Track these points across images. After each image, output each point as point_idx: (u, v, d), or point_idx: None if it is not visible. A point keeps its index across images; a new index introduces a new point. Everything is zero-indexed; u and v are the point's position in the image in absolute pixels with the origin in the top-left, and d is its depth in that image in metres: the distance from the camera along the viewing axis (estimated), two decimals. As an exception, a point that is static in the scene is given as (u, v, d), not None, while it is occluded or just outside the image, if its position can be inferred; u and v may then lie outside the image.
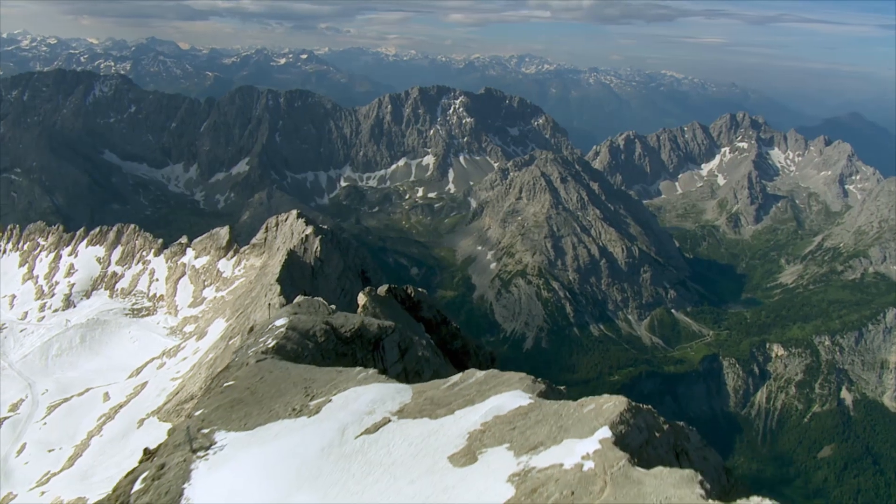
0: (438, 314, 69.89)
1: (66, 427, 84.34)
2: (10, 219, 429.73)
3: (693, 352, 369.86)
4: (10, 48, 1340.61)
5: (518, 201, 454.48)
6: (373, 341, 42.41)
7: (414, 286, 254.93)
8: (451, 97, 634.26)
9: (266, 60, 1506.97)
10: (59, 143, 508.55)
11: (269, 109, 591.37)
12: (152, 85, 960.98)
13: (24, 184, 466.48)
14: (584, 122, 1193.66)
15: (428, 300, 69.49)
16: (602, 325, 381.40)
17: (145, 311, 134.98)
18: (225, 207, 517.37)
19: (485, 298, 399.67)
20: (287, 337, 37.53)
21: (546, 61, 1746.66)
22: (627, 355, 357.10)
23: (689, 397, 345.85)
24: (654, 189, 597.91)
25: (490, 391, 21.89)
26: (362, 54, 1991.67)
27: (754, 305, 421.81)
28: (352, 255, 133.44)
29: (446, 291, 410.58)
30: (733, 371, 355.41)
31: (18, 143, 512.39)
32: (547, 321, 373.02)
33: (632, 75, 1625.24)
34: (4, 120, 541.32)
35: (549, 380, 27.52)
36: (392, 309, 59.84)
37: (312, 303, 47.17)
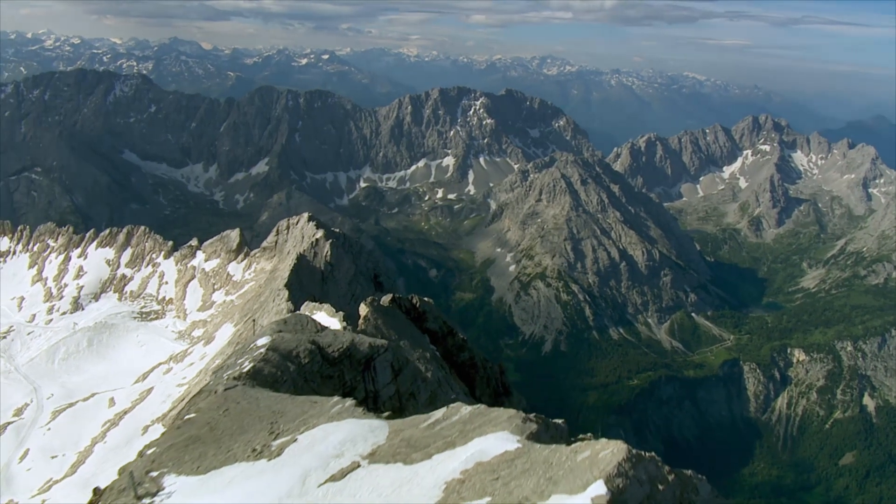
0: (444, 325, 67.06)
1: (70, 433, 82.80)
2: (29, 218, 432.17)
3: (713, 356, 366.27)
4: (35, 48, 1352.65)
5: (538, 203, 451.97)
6: (363, 361, 39.55)
7: (433, 288, 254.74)
8: (471, 98, 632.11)
9: (288, 61, 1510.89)
10: (79, 143, 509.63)
11: (288, 110, 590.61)
12: (174, 85, 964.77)
13: (45, 183, 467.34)
14: (606, 123, 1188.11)
15: (434, 311, 66.90)
16: (622, 329, 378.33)
17: (154, 315, 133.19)
18: (244, 208, 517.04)
19: (504, 301, 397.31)
20: (266, 359, 34.82)
21: (568, 62, 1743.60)
22: (647, 359, 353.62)
23: (708, 402, 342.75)
24: (675, 192, 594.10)
25: (474, 432, 19.43)
26: (384, 55, 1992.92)
27: (776, 310, 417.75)
28: (364, 259, 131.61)
29: (465, 294, 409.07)
30: (754, 376, 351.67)
31: (39, 142, 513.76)
32: (566, 324, 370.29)
33: (654, 77, 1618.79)
34: (26, 119, 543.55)
35: (551, 410, 25.27)
36: (395, 320, 57.48)
37: (300, 319, 44.08)
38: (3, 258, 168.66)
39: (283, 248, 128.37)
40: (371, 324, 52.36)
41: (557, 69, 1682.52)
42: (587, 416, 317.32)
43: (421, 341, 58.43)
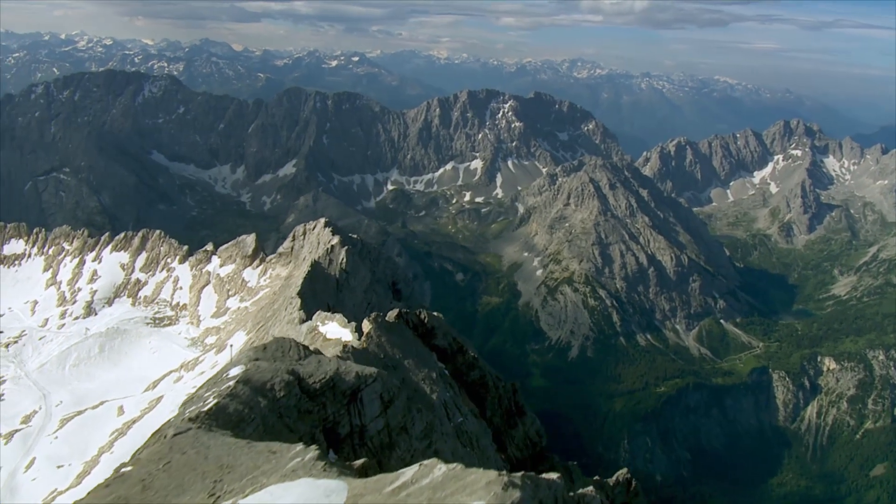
0: (454, 342, 63.74)
1: (77, 442, 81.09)
2: (57, 218, 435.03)
3: (742, 364, 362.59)
4: (68, 49, 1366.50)
5: (566, 207, 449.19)
6: (348, 393, 36.26)
7: (459, 292, 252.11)
8: (500, 101, 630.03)
9: (318, 62, 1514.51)
10: (107, 143, 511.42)
11: (316, 111, 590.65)
12: (205, 86, 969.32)
13: (72, 183, 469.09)
14: (636, 127, 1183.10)
15: (443, 327, 63.66)
16: (649, 335, 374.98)
17: (167, 321, 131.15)
18: (271, 209, 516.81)
19: (530, 306, 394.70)
20: (233, 394, 30.95)
21: (598, 66, 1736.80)
22: (674, 366, 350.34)
23: (736, 410, 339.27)
24: (704, 196, 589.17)
25: (446, 500, 16.54)
26: (414, 57, 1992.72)
27: (806, 317, 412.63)
28: (382, 266, 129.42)
29: (491, 298, 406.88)
30: (783, 384, 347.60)
31: (68, 142, 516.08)
32: (593, 330, 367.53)
33: (684, 81, 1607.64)
34: (55, 120, 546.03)
35: (550, 461, 22.56)
36: (401, 337, 54.65)
37: (281, 345, 39.72)
38: (19, 261, 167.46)
39: (300, 254, 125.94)
40: (374, 341, 49.83)
41: (587, 72, 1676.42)
42: (613, 423, 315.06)
43: (428, 360, 55.90)
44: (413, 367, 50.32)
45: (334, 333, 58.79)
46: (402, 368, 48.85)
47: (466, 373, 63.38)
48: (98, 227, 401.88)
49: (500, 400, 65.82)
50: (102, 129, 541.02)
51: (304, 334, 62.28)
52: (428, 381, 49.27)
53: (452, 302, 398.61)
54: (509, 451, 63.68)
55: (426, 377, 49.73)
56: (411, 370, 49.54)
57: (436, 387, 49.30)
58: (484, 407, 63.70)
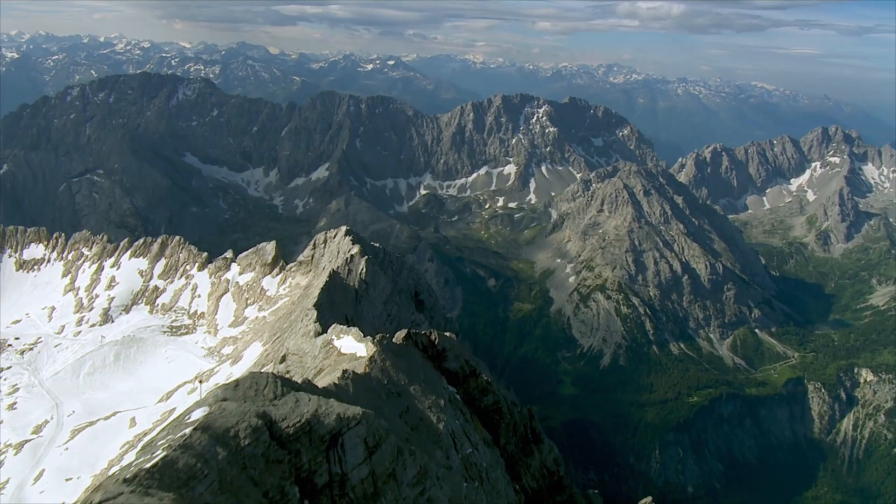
0: (467, 365, 60.57)
1: (87, 454, 79.10)
2: (90, 219, 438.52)
3: (777, 374, 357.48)
4: (106, 51, 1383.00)
5: (599, 214, 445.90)
6: (327, 438, 32.58)
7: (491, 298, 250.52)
8: (534, 106, 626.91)
9: (353, 66, 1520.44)
10: (141, 146, 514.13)
11: (350, 115, 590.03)
12: (240, 89, 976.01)
13: (106, 185, 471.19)
14: (671, 133, 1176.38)
15: (455, 348, 60.66)
16: (682, 344, 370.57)
17: (184, 330, 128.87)
18: (303, 213, 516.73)
19: (562, 313, 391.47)
20: (186, 445, 26.93)
21: (634, 71, 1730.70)
22: (708, 376, 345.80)
23: (771, 421, 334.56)
24: (740, 204, 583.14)
25: None
26: (450, 61, 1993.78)
27: (843, 327, 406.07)
28: (405, 276, 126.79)
29: (523, 304, 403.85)
30: (818, 396, 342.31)
31: (102, 144, 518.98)
32: (625, 338, 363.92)
33: (721, 86, 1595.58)
34: (90, 122, 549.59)
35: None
36: (408, 361, 51.91)
37: (257, 381, 34.87)
38: (38, 266, 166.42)
39: (320, 262, 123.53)
40: (378, 366, 47.23)
41: (624, 77, 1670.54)
42: (644, 433, 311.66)
43: (436, 385, 53.11)
44: (419, 394, 47.48)
45: (349, 348, 56.65)
46: (406, 395, 45.97)
47: (479, 398, 60.36)
48: (130, 230, 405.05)
49: (514, 426, 62.22)
50: (136, 132, 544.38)
51: (319, 348, 60.33)
52: (435, 409, 46.33)
53: (484, 308, 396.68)
54: (524, 481, 60.64)
55: (433, 405, 46.80)
56: (417, 397, 46.59)
57: (443, 415, 46.44)
58: (498, 434, 60.62)
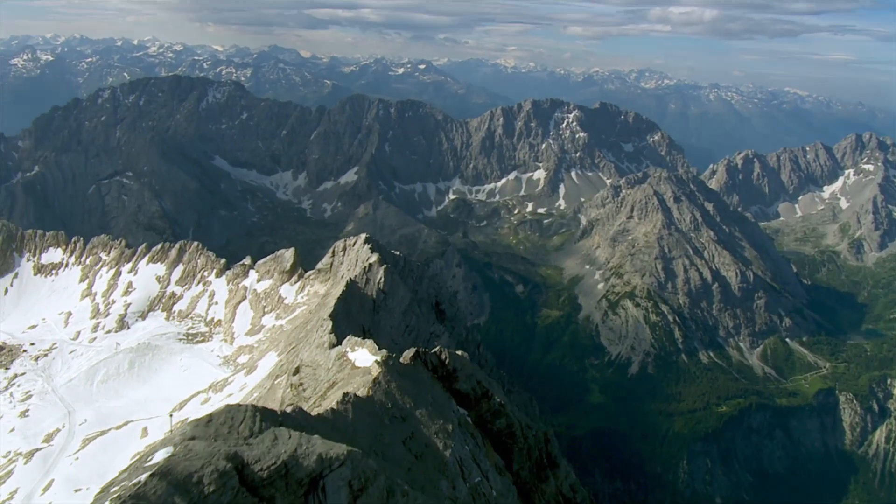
0: (479, 386, 57.54)
1: (98, 464, 77.78)
2: (119, 221, 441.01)
3: (807, 384, 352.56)
4: (139, 54, 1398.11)
5: (629, 220, 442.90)
6: (306, 481, 29.08)
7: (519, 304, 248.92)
8: (564, 111, 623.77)
9: (384, 70, 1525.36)
10: (170, 148, 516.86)
11: (379, 119, 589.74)
12: (271, 92, 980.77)
13: (135, 187, 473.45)
14: (703, 139, 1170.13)
15: (467, 368, 57.83)
16: (712, 353, 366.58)
17: (200, 337, 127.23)
18: (331, 217, 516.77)
19: (590, 320, 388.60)
20: (138, 496, 24.23)
21: (666, 76, 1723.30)
22: (737, 385, 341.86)
23: (801, 432, 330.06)
24: (772, 211, 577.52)
25: None
26: (481, 66, 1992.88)
27: (876, 337, 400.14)
28: (426, 285, 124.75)
29: (551, 311, 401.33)
30: (850, 407, 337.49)
31: (132, 146, 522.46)
32: (654, 346, 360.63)
33: (753, 92, 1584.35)
34: (121, 124, 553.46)
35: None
36: (415, 382, 49.56)
37: (232, 416, 30.75)
38: (56, 270, 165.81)
39: (338, 270, 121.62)
40: (382, 388, 45.00)
41: (655, 83, 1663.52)
42: (672, 442, 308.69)
43: (445, 408, 50.58)
44: (426, 419, 45.02)
45: (363, 361, 54.85)
46: (412, 420, 43.62)
47: (492, 421, 57.57)
48: (159, 232, 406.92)
49: (529, 451, 59.04)
50: (166, 134, 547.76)
51: (333, 360, 58.66)
52: (442, 435, 43.88)
53: (512, 314, 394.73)
54: (539, 509, 58.13)
55: (440, 430, 44.37)
56: (423, 422, 44.12)
57: (451, 441, 44.08)
58: (511, 459, 57.92)
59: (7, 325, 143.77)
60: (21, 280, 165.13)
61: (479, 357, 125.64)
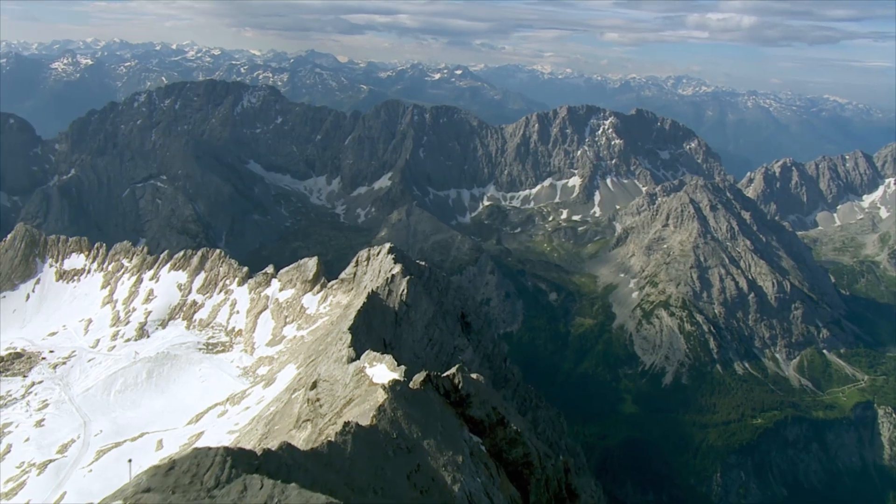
0: (494, 412, 53.95)
1: (111, 477, 76.16)
2: (153, 225, 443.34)
3: (845, 397, 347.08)
4: (177, 59, 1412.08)
5: (664, 228, 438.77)
6: None
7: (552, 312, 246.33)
8: (600, 117, 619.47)
9: (421, 75, 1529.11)
10: (204, 152, 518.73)
11: (414, 125, 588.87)
12: (308, 97, 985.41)
13: (169, 191, 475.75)
14: (740, 146, 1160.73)
15: (482, 393, 54.30)
16: (747, 364, 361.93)
17: (220, 347, 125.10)
18: (365, 222, 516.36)
19: (624, 329, 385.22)
20: None
21: (704, 83, 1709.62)
22: (773, 397, 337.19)
23: (838, 446, 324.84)
24: (810, 220, 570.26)
25: None
26: (518, 71, 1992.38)
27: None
28: (451, 296, 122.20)
29: (585, 319, 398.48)
30: (889, 420, 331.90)
31: (167, 150, 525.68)
32: (688, 356, 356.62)
33: (792, 99, 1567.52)
34: (156, 128, 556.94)
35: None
36: (425, 409, 46.48)
37: (197, 463, 24.49)
38: (78, 276, 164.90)
39: (362, 280, 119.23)
40: (387, 416, 41.59)
41: (693, 89, 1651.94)
42: (706, 455, 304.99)
43: (456, 437, 47.40)
44: (434, 450, 41.81)
45: (381, 378, 52.69)
46: (418, 451, 40.37)
47: (507, 450, 54.18)
48: (192, 236, 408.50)
49: (547, 482, 55.28)
50: (201, 138, 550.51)
51: (351, 376, 56.71)
52: (451, 467, 40.74)
53: (545, 322, 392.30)
54: (557, 544, 55.15)
55: (450, 461, 41.25)
56: (431, 453, 40.94)
57: (460, 474, 41.14)
58: (527, 490, 54.21)
59: (27, 332, 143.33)
60: (43, 286, 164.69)
61: (505, 371, 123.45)
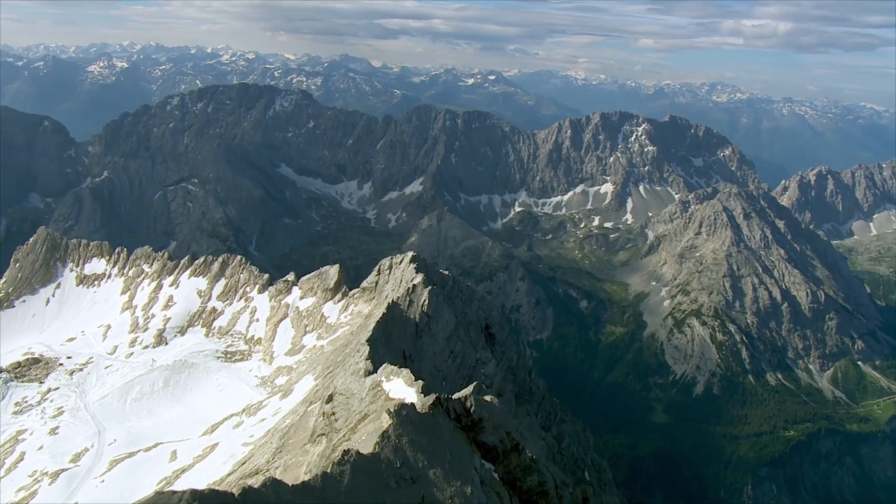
0: (508, 438, 50.34)
1: (123, 488, 74.74)
2: (183, 228, 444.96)
3: (880, 410, 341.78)
4: (212, 62, 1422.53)
5: (697, 236, 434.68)
6: None
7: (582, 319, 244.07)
8: (633, 124, 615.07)
9: (454, 80, 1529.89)
10: (236, 156, 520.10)
11: (446, 129, 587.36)
12: (341, 101, 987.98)
13: (200, 194, 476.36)
14: (775, 154, 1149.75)
15: (496, 417, 50.68)
16: (780, 374, 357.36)
17: (239, 356, 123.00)
18: (396, 227, 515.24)
19: (655, 337, 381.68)
20: None
21: (738, 90, 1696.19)
22: (806, 409, 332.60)
23: (873, 460, 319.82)
24: (845, 229, 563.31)
25: None
26: (551, 77, 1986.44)
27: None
28: (475, 307, 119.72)
29: (615, 327, 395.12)
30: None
31: (198, 153, 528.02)
32: (720, 366, 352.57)
33: (828, 106, 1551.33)
34: (188, 131, 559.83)
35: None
36: (433, 435, 42.85)
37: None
38: (98, 281, 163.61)
39: (383, 290, 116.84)
40: (391, 444, 38.73)
41: (727, 96, 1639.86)
42: (736, 467, 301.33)
43: (465, 466, 43.66)
44: (441, 480, 39.36)
45: (398, 392, 52.14)
46: (424, 482, 38.37)
47: (522, 478, 50.43)
48: (222, 239, 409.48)
49: None
50: (233, 142, 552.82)
51: (367, 390, 55.29)
52: (459, 499, 37.62)
53: (575, 330, 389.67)
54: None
55: (457, 493, 38.00)
56: (437, 484, 37.45)
57: None
58: None
59: (46, 337, 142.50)
60: (63, 290, 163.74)
61: (530, 384, 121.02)
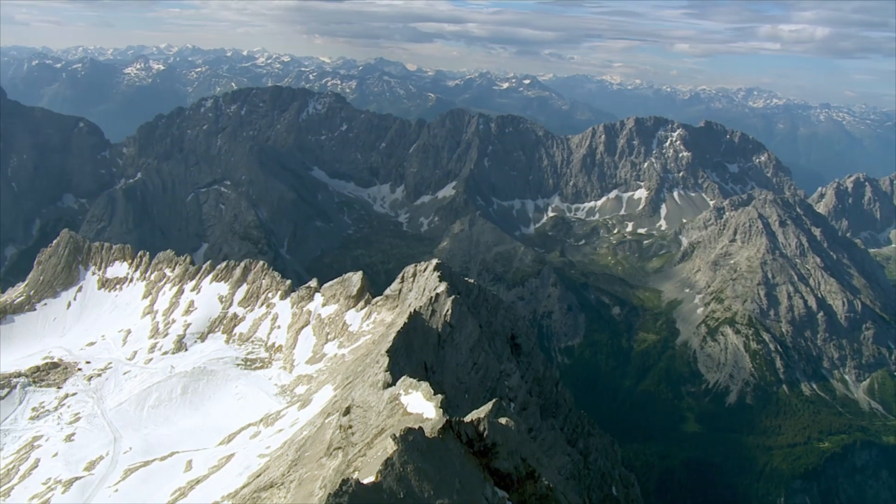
0: (524, 464, 47.35)
1: (137, 498, 73.38)
2: (215, 230, 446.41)
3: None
4: (247, 65, 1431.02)
5: (731, 244, 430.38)
6: None
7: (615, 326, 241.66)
8: (668, 129, 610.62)
9: (489, 84, 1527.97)
10: (268, 158, 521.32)
11: (479, 134, 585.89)
12: (375, 104, 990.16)
13: (232, 196, 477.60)
14: (811, 161, 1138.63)
15: (511, 442, 47.39)
16: (814, 384, 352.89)
17: (259, 363, 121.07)
18: (428, 231, 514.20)
19: (688, 345, 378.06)
20: None
21: (775, 95, 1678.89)
22: (841, 420, 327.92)
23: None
24: (883, 238, 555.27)
25: None
26: (586, 82, 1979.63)
27: None
28: (500, 317, 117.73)
29: (648, 335, 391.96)
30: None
31: (231, 155, 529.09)
32: (754, 375, 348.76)
33: (866, 113, 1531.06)
34: (222, 133, 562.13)
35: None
36: (441, 462, 39.86)
37: None
38: (120, 285, 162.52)
39: (406, 298, 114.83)
40: (395, 472, 35.99)
41: (763, 102, 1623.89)
42: (769, 479, 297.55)
43: (475, 496, 41.28)
44: None
45: (416, 407, 50.41)
46: None
47: None
48: (254, 242, 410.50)
49: None
50: (265, 144, 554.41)
51: (385, 403, 53.82)
52: None
53: (606, 337, 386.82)
54: None
55: None
56: None
57: None
58: None
59: (66, 341, 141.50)
60: (85, 294, 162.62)
61: (556, 396, 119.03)
